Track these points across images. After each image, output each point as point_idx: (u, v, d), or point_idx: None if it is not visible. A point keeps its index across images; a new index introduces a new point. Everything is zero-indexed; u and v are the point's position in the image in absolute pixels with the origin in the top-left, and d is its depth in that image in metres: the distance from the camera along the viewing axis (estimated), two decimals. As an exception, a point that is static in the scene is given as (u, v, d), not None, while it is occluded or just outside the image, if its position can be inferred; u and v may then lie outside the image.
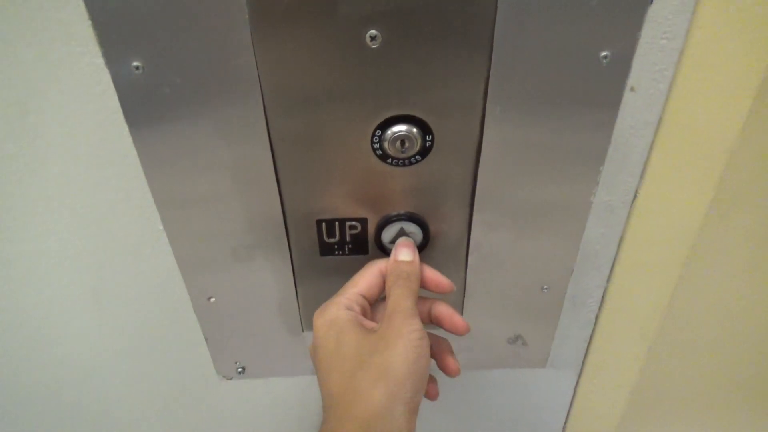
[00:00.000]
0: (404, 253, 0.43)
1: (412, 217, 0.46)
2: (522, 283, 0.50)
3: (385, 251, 0.47)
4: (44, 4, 0.35)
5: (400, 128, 0.40)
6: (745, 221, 0.47)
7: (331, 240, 0.47)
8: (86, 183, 0.43)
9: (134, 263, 0.49)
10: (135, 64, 0.36)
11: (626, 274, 0.50)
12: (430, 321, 0.44)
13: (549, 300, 0.52)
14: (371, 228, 0.46)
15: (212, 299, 0.50)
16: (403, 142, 0.41)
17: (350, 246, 0.47)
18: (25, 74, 0.37)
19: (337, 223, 0.46)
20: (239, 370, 0.57)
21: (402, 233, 0.45)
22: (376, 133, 0.40)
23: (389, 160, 0.42)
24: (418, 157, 0.42)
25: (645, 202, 0.45)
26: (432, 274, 0.43)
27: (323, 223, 0.46)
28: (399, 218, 0.45)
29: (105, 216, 0.46)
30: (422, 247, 0.47)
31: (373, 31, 0.36)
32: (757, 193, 0.45)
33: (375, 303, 0.43)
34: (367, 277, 0.43)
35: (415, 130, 0.40)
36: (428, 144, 0.41)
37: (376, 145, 0.41)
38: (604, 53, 0.37)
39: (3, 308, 0.52)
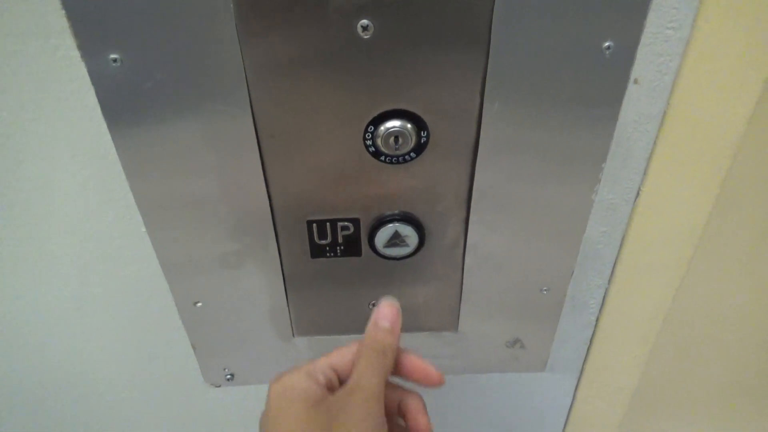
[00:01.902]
0: (384, 317, 0.37)
1: (406, 217, 0.44)
2: (521, 284, 0.49)
3: (378, 253, 0.45)
4: (14, -8, 0.33)
5: (394, 124, 0.38)
6: (752, 220, 0.46)
7: (323, 241, 0.45)
8: (64, 184, 0.41)
9: (117, 267, 0.47)
10: (112, 56, 0.34)
11: (628, 274, 0.48)
12: (398, 413, 0.38)
13: (548, 302, 0.50)
14: (364, 228, 0.45)
15: (199, 304, 0.48)
16: (396, 139, 0.39)
17: (342, 247, 0.46)
18: (-4, 68, 0.35)
19: (328, 224, 0.44)
20: (228, 377, 0.55)
21: (396, 235, 0.44)
22: (369, 129, 0.39)
23: (382, 158, 0.40)
24: (412, 154, 0.40)
25: (648, 200, 0.43)
26: (418, 364, 0.37)
27: (314, 224, 0.44)
28: (393, 218, 0.44)
29: (85, 218, 0.44)
30: (417, 249, 0.45)
31: (365, 21, 0.34)
32: (764, 191, 0.44)
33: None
34: (344, 351, 0.37)
35: (409, 125, 0.38)
36: (423, 140, 0.39)
37: (369, 142, 0.39)
38: (606, 44, 0.35)
39: (-21, 315, 0.50)
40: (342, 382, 0.36)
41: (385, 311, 0.38)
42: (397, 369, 0.38)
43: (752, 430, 0.66)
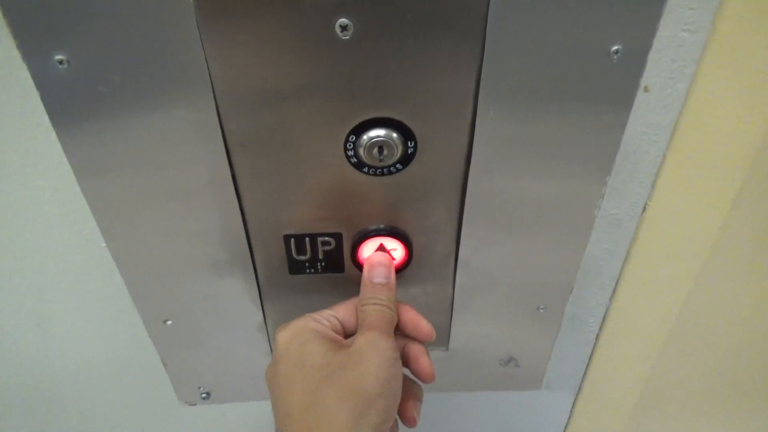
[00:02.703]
0: (379, 274, 0.38)
1: (392, 232, 0.40)
2: (515, 302, 0.45)
3: (362, 270, 0.41)
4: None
5: (378, 133, 0.35)
6: (764, 239, 0.42)
7: (301, 257, 0.42)
8: (15, 196, 0.38)
9: (79, 283, 0.43)
10: (58, 57, 0.30)
11: (631, 292, 0.45)
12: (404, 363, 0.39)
13: (545, 320, 0.47)
14: (347, 244, 0.41)
15: (168, 322, 0.45)
16: (381, 149, 0.35)
17: (323, 264, 0.42)
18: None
19: (307, 239, 0.41)
20: (203, 395, 0.52)
21: (382, 251, 0.40)
22: (350, 139, 0.35)
23: (366, 169, 0.36)
24: (398, 165, 0.36)
25: (655, 216, 0.40)
26: (412, 316, 0.38)
27: (292, 239, 0.41)
28: (378, 233, 0.40)
29: (41, 232, 0.40)
30: (405, 265, 0.42)
31: (344, 20, 0.30)
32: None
33: (350, 335, 0.38)
34: (347, 305, 0.38)
35: (394, 135, 0.35)
36: (410, 151, 0.36)
37: (350, 152, 0.36)
38: (615, 47, 0.31)
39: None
40: (346, 332, 0.37)
41: (377, 266, 0.38)
42: None
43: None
